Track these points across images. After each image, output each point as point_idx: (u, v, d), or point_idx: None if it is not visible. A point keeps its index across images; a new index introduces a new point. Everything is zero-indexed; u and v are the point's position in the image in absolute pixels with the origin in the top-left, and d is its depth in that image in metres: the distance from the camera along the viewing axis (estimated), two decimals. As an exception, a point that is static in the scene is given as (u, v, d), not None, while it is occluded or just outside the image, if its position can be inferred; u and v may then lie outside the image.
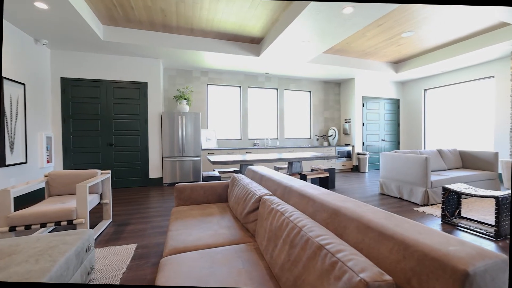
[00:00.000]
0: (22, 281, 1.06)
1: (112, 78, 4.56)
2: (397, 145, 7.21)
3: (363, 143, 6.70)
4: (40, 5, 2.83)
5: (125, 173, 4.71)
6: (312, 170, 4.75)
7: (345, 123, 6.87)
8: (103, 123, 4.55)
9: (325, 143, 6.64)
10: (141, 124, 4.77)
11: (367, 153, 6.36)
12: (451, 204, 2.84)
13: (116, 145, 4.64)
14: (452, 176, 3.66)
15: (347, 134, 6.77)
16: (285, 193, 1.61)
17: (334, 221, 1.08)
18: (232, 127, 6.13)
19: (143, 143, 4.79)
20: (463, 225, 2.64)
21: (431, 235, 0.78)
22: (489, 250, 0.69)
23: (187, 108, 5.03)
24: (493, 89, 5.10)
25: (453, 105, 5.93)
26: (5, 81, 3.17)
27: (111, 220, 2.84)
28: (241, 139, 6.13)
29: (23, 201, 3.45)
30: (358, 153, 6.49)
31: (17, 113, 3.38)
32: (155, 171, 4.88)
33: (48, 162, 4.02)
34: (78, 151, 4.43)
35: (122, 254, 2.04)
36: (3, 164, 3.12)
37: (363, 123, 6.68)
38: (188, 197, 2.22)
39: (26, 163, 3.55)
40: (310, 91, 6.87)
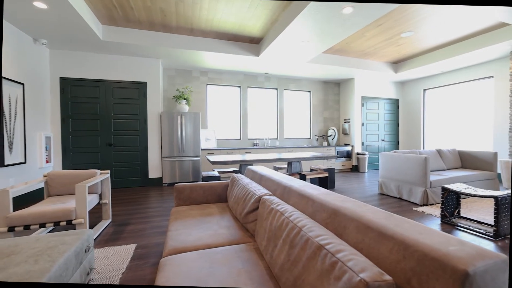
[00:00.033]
0: (21, 281, 1.05)
1: (111, 78, 4.55)
2: (396, 145, 7.22)
3: (363, 143, 6.71)
4: (39, 4, 2.83)
5: (125, 173, 4.70)
6: (311, 170, 4.75)
7: (345, 123, 6.87)
8: (103, 123, 4.54)
9: (325, 143, 6.65)
10: (140, 124, 4.76)
11: (367, 153, 6.37)
12: (451, 204, 2.84)
13: (115, 145, 4.63)
14: (451, 176, 3.67)
15: (347, 134, 6.78)
16: (284, 193, 1.61)
17: (333, 221, 1.08)
18: (231, 127, 6.12)
19: (143, 143, 4.78)
20: (462, 225, 2.65)
21: (431, 235, 0.78)
22: (489, 250, 0.69)
23: (186, 108, 5.02)
24: (492, 89, 5.11)
25: (452, 105, 5.94)
26: (4, 81, 3.16)
27: (110, 220, 2.84)
28: (240, 139, 6.12)
29: (22, 201, 3.44)
30: (357, 153, 6.49)
31: (16, 113, 3.38)
32: (154, 171, 4.87)
33: (47, 162, 4.01)
34: (77, 151, 4.42)
35: (121, 254, 2.03)
36: (2, 164, 3.11)
37: (363, 123, 6.68)
38: (187, 197, 2.22)
39: (25, 163, 3.54)
40: (309, 91, 6.87)
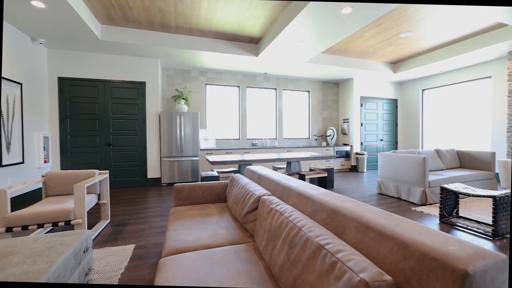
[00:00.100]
0: (21, 281, 1.05)
1: (110, 77, 4.54)
2: (395, 145, 7.23)
3: (361, 143, 6.72)
4: (37, 4, 2.81)
5: (123, 173, 4.68)
6: (310, 170, 4.76)
7: (344, 123, 6.88)
8: (101, 123, 4.52)
9: (324, 143, 6.66)
10: (139, 124, 4.75)
11: (365, 153, 6.38)
12: (449, 203, 2.85)
13: (114, 145, 4.61)
14: (449, 176, 3.68)
15: (346, 134, 6.79)
16: (284, 193, 1.61)
17: (333, 221, 1.08)
18: (230, 127, 6.12)
19: (141, 143, 4.77)
20: (461, 225, 2.66)
21: (430, 235, 0.78)
22: (488, 250, 0.69)
23: (185, 108, 5.01)
24: (490, 90, 5.13)
25: (450, 105, 5.97)
26: (2, 81, 3.14)
27: (109, 220, 2.83)
28: (239, 139, 6.12)
29: (20, 201, 3.41)
30: (356, 153, 6.50)
31: (14, 113, 3.36)
32: (153, 171, 4.86)
33: (45, 162, 3.99)
34: (75, 151, 4.40)
35: (120, 254, 2.03)
36: (0, 164, 3.09)
37: (362, 123, 6.69)
38: (186, 197, 2.21)
39: (23, 163, 3.52)
40: (308, 91, 6.88)
